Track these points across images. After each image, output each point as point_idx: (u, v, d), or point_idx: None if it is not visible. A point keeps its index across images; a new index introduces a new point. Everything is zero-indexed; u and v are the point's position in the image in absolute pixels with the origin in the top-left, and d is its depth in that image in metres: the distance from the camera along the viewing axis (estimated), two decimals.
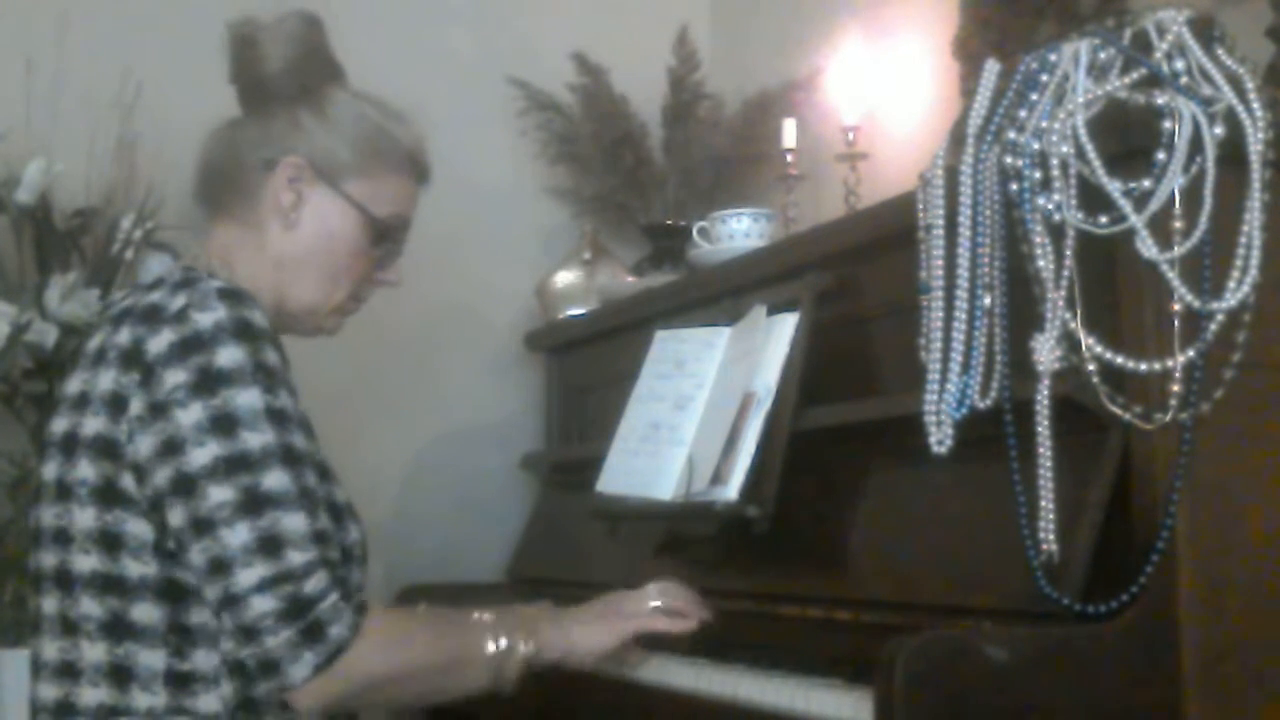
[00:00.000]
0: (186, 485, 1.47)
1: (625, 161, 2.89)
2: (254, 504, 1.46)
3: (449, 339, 2.90)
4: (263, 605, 1.45)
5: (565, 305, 2.74)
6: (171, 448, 1.48)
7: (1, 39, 2.45)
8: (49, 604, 1.56)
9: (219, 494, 1.46)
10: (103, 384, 1.53)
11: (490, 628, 1.59)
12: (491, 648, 1.58)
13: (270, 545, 1.46)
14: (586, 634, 1.66)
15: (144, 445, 1.49)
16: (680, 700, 1.67)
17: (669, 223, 2.86)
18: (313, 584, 1.46)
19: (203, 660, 1.50)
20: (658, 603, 1.72)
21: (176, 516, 1.48)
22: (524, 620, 1.62)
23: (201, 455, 1.47)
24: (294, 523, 1.47)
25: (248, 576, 1.45)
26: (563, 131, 2.95)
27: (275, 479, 1.48)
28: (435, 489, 2.87)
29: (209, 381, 1.48)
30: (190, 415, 1.48)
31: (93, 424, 1.53)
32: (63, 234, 2.37)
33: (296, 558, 1.46)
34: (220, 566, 1.46)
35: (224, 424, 1.48)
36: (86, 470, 1.53)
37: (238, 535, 1.46)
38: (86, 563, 1.52)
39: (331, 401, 2.59)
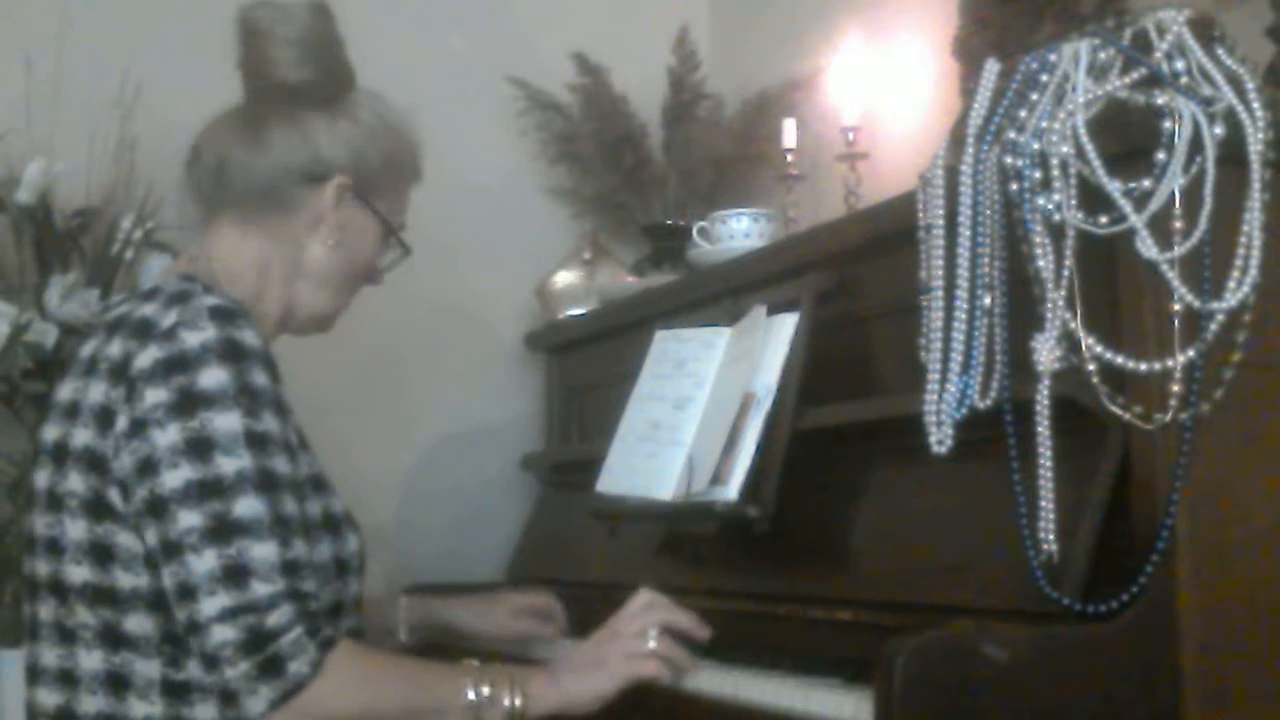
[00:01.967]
0: (158, 507, 1.46)
1: (625, 161, 2.89)
2: (223, 531, 1.44)
3: (449, 339, 2.90)
4: (223, 635, 1.42)
5: (565, 305, 2.74)
6: (147, 467, 1.46)
7: (1, 39, 2.45)
8: (45, 611, 1.56)
9: (188, 519, 1.44)
10: (93, 395, 1.52)
11: (472, 675, 1.53)
12: (470, 696, 1.51)
13: (235, 574, 1.43)
14: (583, 684, 1.58)
15: (126, 461, 1.48)
16: (680, 700, 1.67)
17: (669, 223, 2.86)
18: (275, 617, 1.43)
19: (198, 670, 1.48)
20: (655, 644, 1.61)
21: (150, 536, 1.47)
22: (512, 672, 1.56)
23: (174, 478, 1.45)
24: (263, 552, 1.44)
25: (211, 605, 1.42)
26: (563, 131, 2.95)
27: (247, 506, 1.45)
28: (435, 489, 2.87)
29: (188, 403, 1.46)
30: (167, 436, 1.46)
31: (82, 436, 1.52)
32: (63, 234, 2.37)
33: (261, 589, 1.43)
34: (186, 592, 1.44)
35: (199, 447, 1.45)
36: (76, 482, 1.52)
37: (204, 562, 1.43)
38: (79, 573, 1.52)
39: (332, 401, 2.60)
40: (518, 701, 1.52)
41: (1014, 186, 1.48)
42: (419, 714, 1.51)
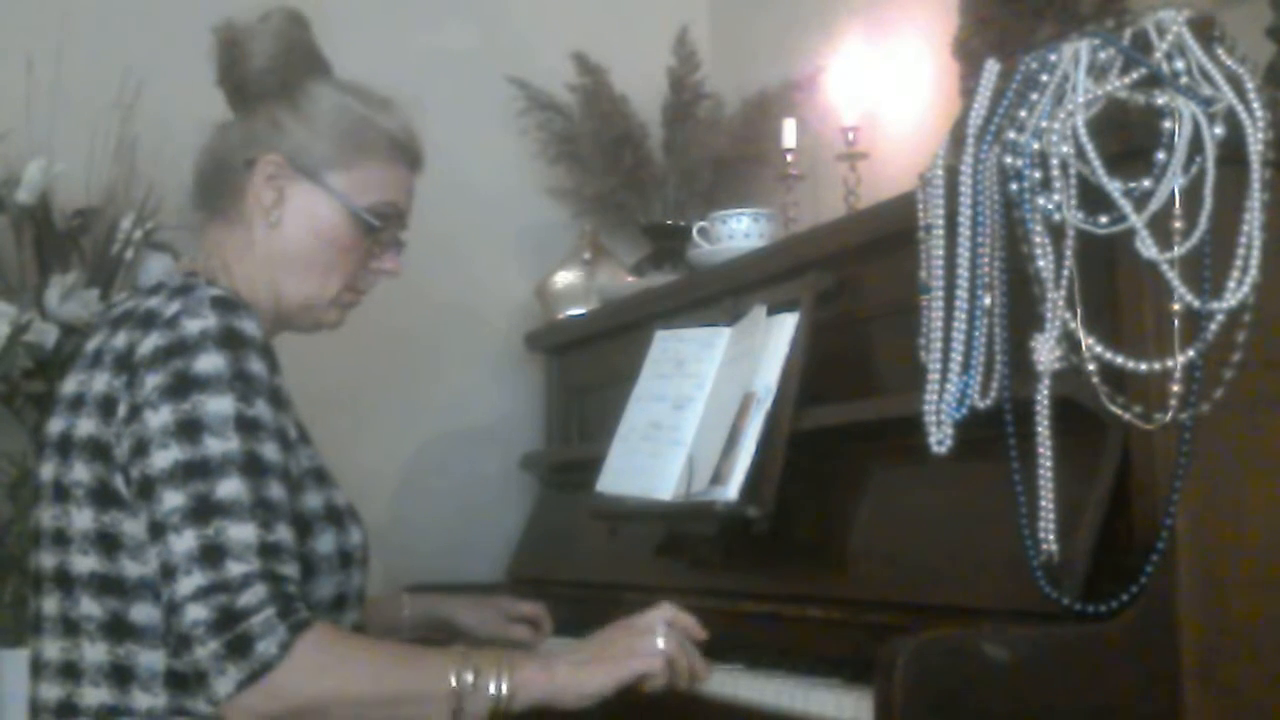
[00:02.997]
0: (147, 487, 1.46)
1: (625, 161, 2.89)
2: (203, 511, 1.43)
3: (449, 339, 2.90)
4: (195, 614, 1.41)
5: (565, 305, 2.74)
6: (140, 449, 1.47)
7: (1, 39, 2.45)
8: (49, 604, 1.56)
9: (172, 499, 1.44)
10: (97, 386, 1.53)
11: (456, 660, 1.47)
12: (452, 682, 1.45)
13: (211, 554, 1.42)
14: (577, 677, 1.50)
15: (125, 445, 1.49)
16: (679, 699, 1.67)
17: (669, 223, 2.86)
18: (247, 597, 1.41)
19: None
20: (663, 646, 1.54)
21: (143, 518, 1.48)
22: (502, 656, 1.50)
23: (162, 459, 1.45)
24: (241, 533, 1.43)
25: (186, 584, 1.42)
26: (563, 131, 2.95)
27: (230, 487, 1.44)
28: (435, 489, 2.87)
29: (183, 386, 1.47)
30: (159, 418, 1.46)
31: (86, 426, 1.53)
32: (63, 234, 2.37)
33: (235, 569, 1.41)
34: (167, 572, 1.44)
35: (189, 429, 1.46)
36: (81, 472, 1.52)
37: (184, 542, 1.43)
38: (85, 563, 1.52)
39: (331, 401, 2.60)
40: (504, 688, 1.46)
41: (1014, 186, 1.48)
42: (396, 700, 1.46)
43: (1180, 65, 1.47)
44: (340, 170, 1.68)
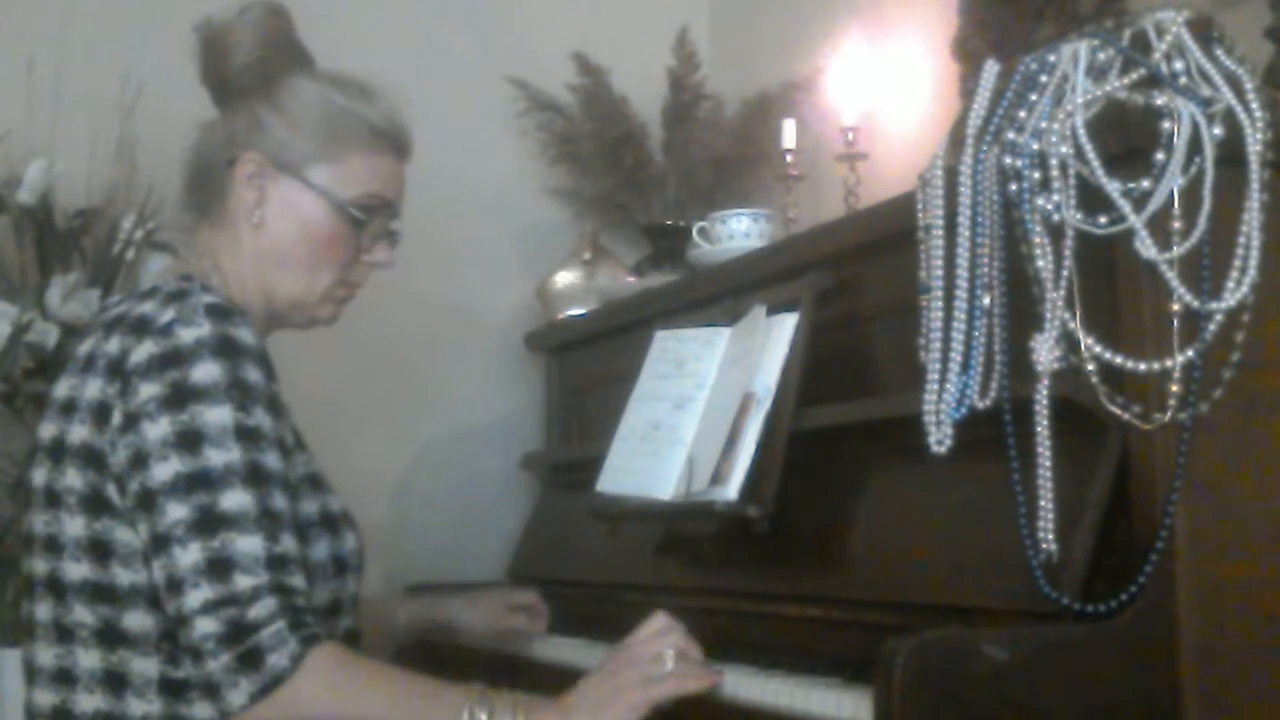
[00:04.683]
0: (148, 500, 1.46)
1: (625, 161, 2.89)
2: (208, 523, 1.43)
3: (449, 339, 2.90)
4: (205, 627, 1.41)
5: (565, 305, 2.75)
6: (138, 461, 1.47)
7: (2, 39, 2.45)
8: (43, 610, 1.55)
9: (176, 511, 1.44)
10: (90, 392, 1.53)
11: (470, 699, 1.46)
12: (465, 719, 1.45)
13: (219, 567, 1.42)
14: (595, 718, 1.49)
15: (121, 455, 1.48)
16: (679, 699, 1.67)
17: (669, 223, 2.86)
18: (257, 609, 1.41)
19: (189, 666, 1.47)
20: (671, 666, 1.54)
21: (142, 531, 1.47)
22: (519, 700, 1.48)
23: (163, 471, 1.45)
24: (247, 545, 1.43)
25: (195, 597, 1.41)
26: (563, 132, 2.96)
27: (234, 499, 1.44)
28: (435, 489, 2.87)
29: (180, 396, 1.46)
30: (157, 429, 1.46)
31: (79, 432, 1.52)
32: (64, 234, 2.37)
33: (243, 581, 1.41)
34: (173, 585, 1.43)
35: (189, 440, 1.45)
36: (74, 479, 1.52)
37: (190, 555, 1.42)
38: (78, 570, 1.51)
39: (332, 401, 2.60)
40: None
41: (1013, 187, 1.48)
42: None
43: (1179, 66, 1.48)
44: (323, 164, 1.66)
